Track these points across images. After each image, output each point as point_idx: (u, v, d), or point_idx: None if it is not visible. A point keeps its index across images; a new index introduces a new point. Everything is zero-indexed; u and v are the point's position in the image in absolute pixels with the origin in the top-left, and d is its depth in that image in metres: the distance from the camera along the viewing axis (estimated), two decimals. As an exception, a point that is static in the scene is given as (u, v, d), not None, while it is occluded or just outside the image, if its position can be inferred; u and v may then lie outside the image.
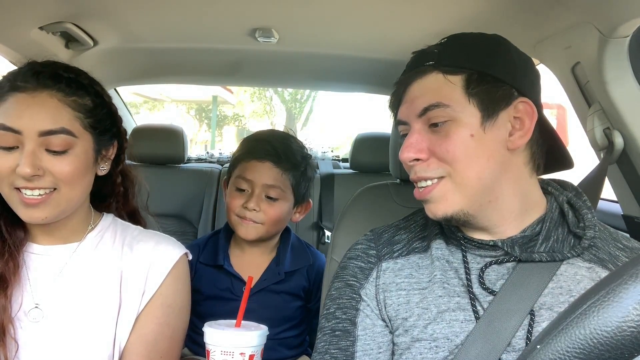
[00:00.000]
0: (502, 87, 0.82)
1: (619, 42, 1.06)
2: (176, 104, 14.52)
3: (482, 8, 1.25)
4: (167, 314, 1.00)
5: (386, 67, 1.77)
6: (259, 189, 1.37)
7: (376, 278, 0.90)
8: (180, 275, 1.04)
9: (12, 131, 0.89)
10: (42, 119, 0.90)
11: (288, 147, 1.42)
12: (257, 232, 1.38)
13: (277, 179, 1.37)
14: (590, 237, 0.82)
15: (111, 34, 1.58)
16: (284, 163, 1.38)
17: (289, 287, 1.42)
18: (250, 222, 1.36)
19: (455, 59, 0.84)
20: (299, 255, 1.48)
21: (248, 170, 1.38)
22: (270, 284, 1.40)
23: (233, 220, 1.39)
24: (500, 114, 0.82)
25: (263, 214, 1.36)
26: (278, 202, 1.38)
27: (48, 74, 0.93)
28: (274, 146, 1.39)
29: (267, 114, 16.88)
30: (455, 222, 0.85)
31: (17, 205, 0.91)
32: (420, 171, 0.84)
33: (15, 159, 0.89)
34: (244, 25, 1.53)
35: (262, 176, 1.37)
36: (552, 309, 0.79)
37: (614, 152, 1.14)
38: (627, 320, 0.40)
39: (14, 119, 0.89)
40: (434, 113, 0.82)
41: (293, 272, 1.44)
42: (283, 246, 1.47)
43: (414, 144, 0.83)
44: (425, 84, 0.85)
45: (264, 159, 1.37)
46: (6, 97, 0.91)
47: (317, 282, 1.45)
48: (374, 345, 0.87)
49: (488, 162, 0.81)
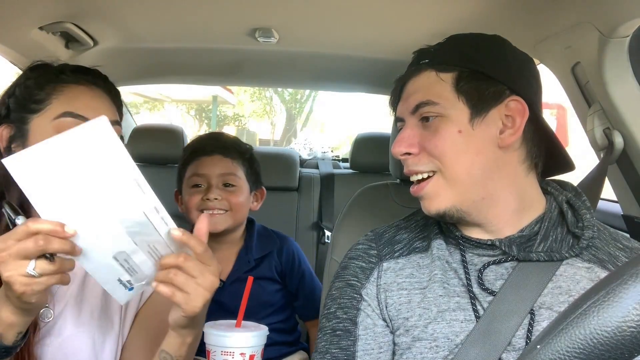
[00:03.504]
0: (493, 85, 0.83)
1: (619, 42, 1.06)
2: (176, 104, 14.52)
3: (482, 8, 1.25)
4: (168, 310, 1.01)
5: (386, 67, 1.77)
6: (215, 180, 1.45)
7: (377, 278, 0.91)
8: None
9: (81, 119, 0.92)
10: (105, 111, 0.94)
11: (229, 139, 1.56)
12: (225, 221, 1.44)
13: (230, 167, 1.47)
14: (589, 238, 0.82)
15: (111, 34, 1.58)
16: (232, 152, 1.49)
17: (262, 272, 1.48)
18: (215, 214, 1.43)
19: (449, 58, 0.86)
20: (266, 241, 1.55)
21: (200, 167, 1.46)
22: (243, 272, 1.46)
23: (195, 217, 1.44)
24: (491, 112, 0.83)
25: (226, 201, 1.44)
26: (236, 188, 1.47)
27: (94, 74, 1.00)
28: (217, 140, 1.52)
29: (267, 114, 16.89)
30: (450, 218, 0.86)
31: None
32: (412, 165, 0.86)
33: None
34: (244, 25, 1.53)
35: (215, 167, 1.46)
36: (552, 309, 0.79)
37: (614, 152, 1.14)
38: (627, 320, 0.40)
39: (83, 108, 0.94)
40: (425, 110, 0.84)
41: (263, 257, 1.50)
42: (249, 235, 1.54)
43: (406, 139, 0.86)
44: (418, 82, 0.87)
45: (212, 153, 1.48)
46: (60, 88, 0.94)
47: (290, 263, 1.53)
48: (375, 345, 0.87)
49: (477, 157, 0.82)
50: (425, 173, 0.85)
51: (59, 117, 0.92)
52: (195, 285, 0.74)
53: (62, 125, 0.91)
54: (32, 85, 0.95)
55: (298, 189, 2.39)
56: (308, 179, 2.42)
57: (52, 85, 0.94)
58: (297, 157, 2.54)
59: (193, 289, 0.74)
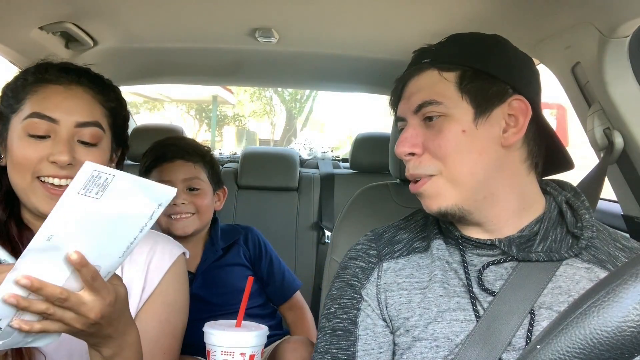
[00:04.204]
0: (496, 84, 0.83)
1: (619, 42, 1.06)
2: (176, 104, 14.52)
3: (482, 8, 1.25)
4: (167, 311, 1.01)
5: (386, 67, 1.77)
6: (180, 185, 1.48)
7: (377, 278, 0.91)
8: (179, 274, 1.05)
9: (48, 119, 0.90)
10: (79, 111, 0.93)
11: (189, 143, 1.59)
12: (193, 224, 1.49)
13: (192, 172, 1.52)
14: (588, 238, 0.82)
15: (111, 34, 1.58)
16: (193, 157, 1.53)
17: (230, 259, 1.55)
18: (182, 218, 1.47)
19: (451, 57, 0.85)
20: (230, 233, 1.61)
21: (164, 173, 1.50)
22: (211, 261, 1.51)
23: (164, 222, 1.48)
24: (494, 111, 0.83)
25: (192, 205, 1.48)
26: (200, 191, 1.52)
27: (78, 72, 0.97)
28: (177, 146, 1.55)
29: (267, 114, 16.89)
30: (451, 217, 0.86)
31: (40, 197, 0.91)
32: (413, 168, 0.85)
33: (45, 148, 0.90)
34: (244, 25, 1.53)
35: (179, 173, 1.50)
36: (552, 308, 0.79)
37: (614, 152, 1.14)
38: (627, 320, 0.40)
39: (52, 109, 0.91)
40: (428, 109, 0.84)
41: (229, 247, 1.57)
42: (214, 230, 1.59)
43: (409, 139, 0.85)
44: (421, 81, 0.86)
45: (173, 159, 1.51)
46: (36, 88, 0.93)
47: (257, 248, 1.59)
48: (375, 345, 0.87)
49: (480, 157, 0.82)
50: (426, 177, 0.84)
51: (27, 118, 0.91)
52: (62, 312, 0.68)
53: (29, 126, 0.90)
54: (19, 85, 0.94)
55: (298, 189, 2.39)
56: (308, 179, 2.42)
57: (32, 86, 0.93)
58: (297, 157, 2.54)
59: None
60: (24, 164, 0.90)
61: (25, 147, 0.90)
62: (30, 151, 0.90)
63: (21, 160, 0.90)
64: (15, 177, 0.92)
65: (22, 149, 0.90)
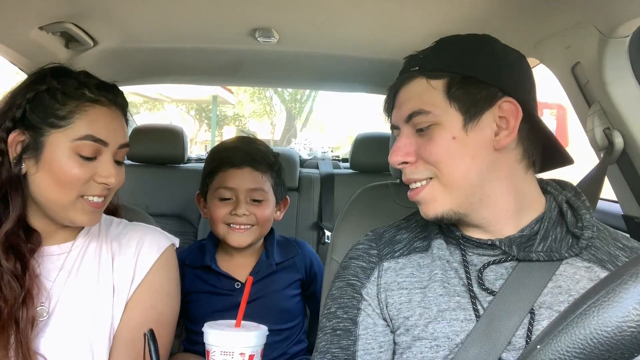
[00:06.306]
0: (484, 88, 0.83)
1: (619, 42, 1.06)
2: (176, 104, 14.51)
3: (481, 8, 1.25)
4: (153, 297, 1.03)
5: (386, 67, 1.77)
6: (243, 194, 1.40)
7: (378, 277, 0.91)
8: (168, 263, 1.07)
9: (101, 143, 0.94)
10: (121, 133, 0.99)
11: (259, 150, 1.47)
12: (251, 236, 1.41)
13: (259, 182, 1.42)
14: (588, 237, 0.82)
15: (111, 34, 1.58)
16: (262, 166, 1.43)
17: (282, 278, 1.46)
18: (241, 229, 1.40)
19: (438, 63, 0.85)
20: (286, 247, 1.53)
21: (229, 179, 1.41)
22: (264, 275, 1.43)
23: (221, 230, 1.41)
24: (484, 115, 0.83)
25: (254, 217, 1.41)
26: (263, 202, 1.43)
27: (112, 90, 1.01)
28: (247, 152, 1.44)
29: (267, 114, 16.89)
30: (448, 221, 0.86)
31: (79, 212, 0.95)
32: (409, 173, 0.87)
33: (92, 168, 0.94)
34: (244, 25, 1.53)
35: (244, 182, 1.41)
36: (552, 308, 0.79)
37: (614, 152, 1.14)
38: (627, 320, 0.40)
39: (103, 132, 0.95)
40: (418, 119, 0.84)
41: (283, 264, 1.48)
42: (270, 242, 1.51)
43: (402, 148, 0.86)
44: (410, 90, 0.87)
45: (242, 166, 1.42)
46: (85, 107, 0.95)
47: (310, 271, 1.51)
48: (375, 344, 0.87)
49: (473, 161, 0.82)
50: (423, 180, 0.85)
51: (81, 140, 0.93)
52: None
53: (81, 147, 0.93)
54: (54, 98, 0.94)
55: (298, 189, 2.39)
56: (308, 179, 2.42)
57: (75, 103, 0.94)
58: (297, 157, 2.54)
59: None
60: (73, 183, 0.93)
61: (75, 166, 0.93)
62: (81, 171, 0.93)
63: (70, 179, 0.92)
64: (56, 193, 0.93)
65: (72, 169, 0.92)
